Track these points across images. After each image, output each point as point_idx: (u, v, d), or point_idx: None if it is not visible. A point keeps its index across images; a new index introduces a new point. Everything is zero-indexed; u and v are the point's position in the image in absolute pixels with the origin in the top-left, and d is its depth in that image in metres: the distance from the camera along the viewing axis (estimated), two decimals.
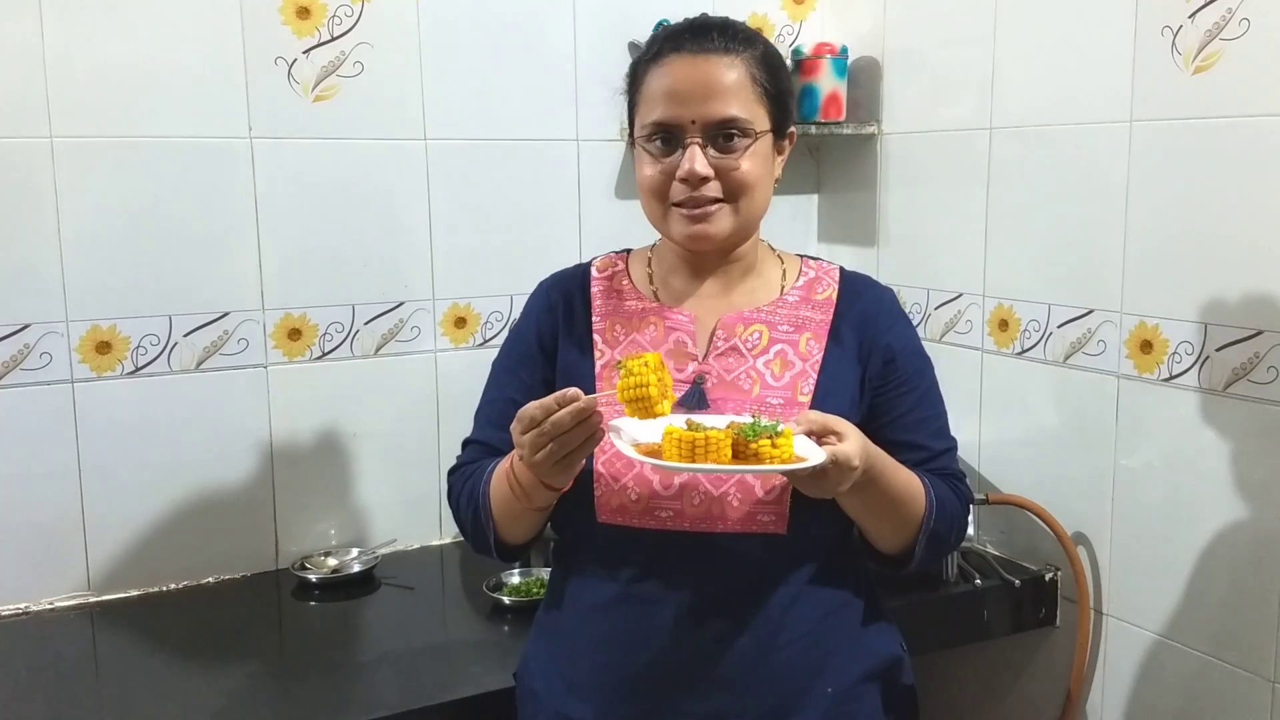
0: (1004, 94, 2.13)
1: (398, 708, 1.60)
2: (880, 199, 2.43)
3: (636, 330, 1.50)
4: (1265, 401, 1.73)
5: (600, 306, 1.53)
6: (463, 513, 1.52)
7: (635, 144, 1.47)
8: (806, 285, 1.52)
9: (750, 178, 1.42)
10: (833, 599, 1.46)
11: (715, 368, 1.46)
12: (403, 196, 2.17)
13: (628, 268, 1.57)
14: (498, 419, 1.50)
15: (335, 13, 2.07)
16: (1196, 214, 1.81)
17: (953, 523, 1.49)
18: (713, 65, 1.40)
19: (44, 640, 1.86)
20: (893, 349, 1.49)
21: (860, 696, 1.46)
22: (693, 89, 1.39)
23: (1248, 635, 1.78)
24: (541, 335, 1.53)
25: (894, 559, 1.48)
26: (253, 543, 2.11)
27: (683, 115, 1.40)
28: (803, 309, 1.50)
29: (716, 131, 1.40)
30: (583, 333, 1.51)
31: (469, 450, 1.56)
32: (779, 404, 1.43)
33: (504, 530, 1.48)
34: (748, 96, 1.41)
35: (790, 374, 1.46)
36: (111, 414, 1.97)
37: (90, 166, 1.92)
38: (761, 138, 1.43)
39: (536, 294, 1.58)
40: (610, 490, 1.40)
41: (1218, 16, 1.75)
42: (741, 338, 1.47)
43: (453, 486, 1.55)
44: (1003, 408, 2.17)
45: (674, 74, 1.41)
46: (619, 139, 2.34)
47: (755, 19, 2.46)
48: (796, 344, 1.47)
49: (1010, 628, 2.10)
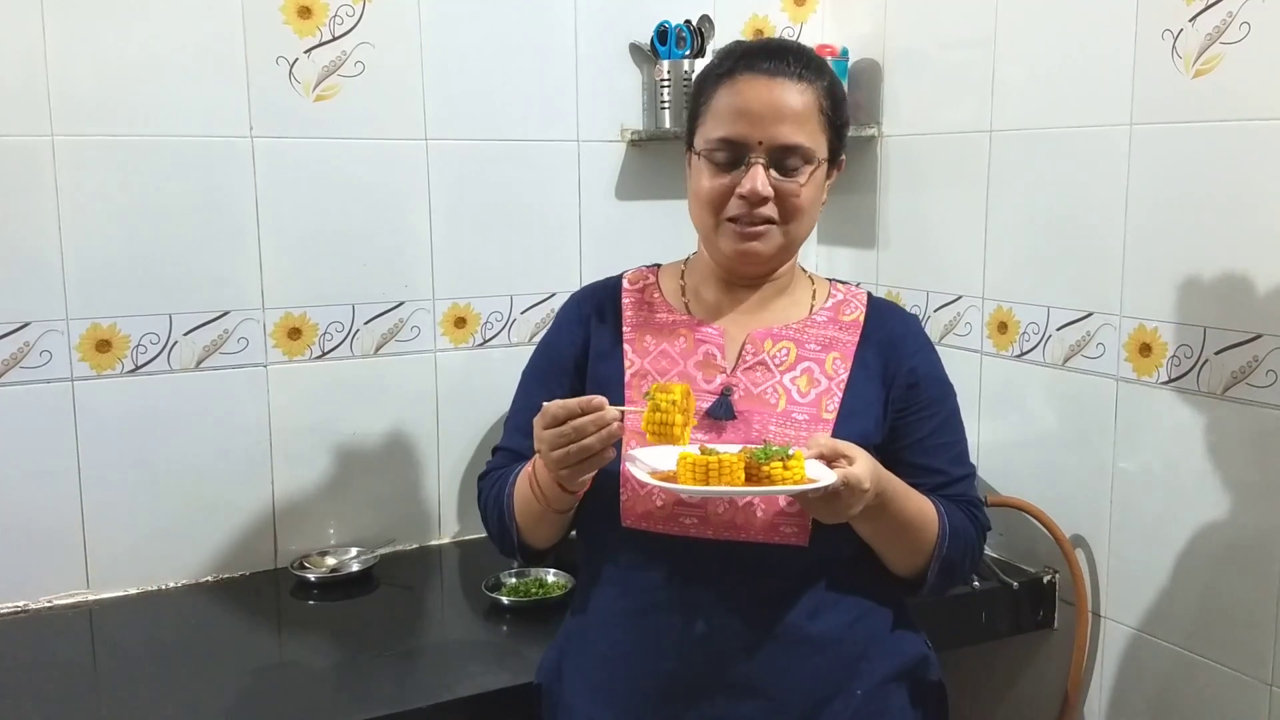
0: (1004, 97, 2.13)
1: (396, 707, 1.60)
2: (880, 201, 2.43)
3: (667, 341, 1.51)
4: (1264, 405, 1.73)
5: (631, 317, 1.55)
6: (490, 515, 1.55)
7: (694, 154, 1.48)
8: (835, 307, 1.55)
9: (805, 203, 1.45)
10: (858, 605, 1.48)
11: (743, 381, 1.48)
12: (403, 196, 2.17)
13: (659, 281, 1.59)
14: (525, 427, 1.52)
15: (337, 12, 2.07)
16: (1196, 217, 1.81)
17: (966, 550, 1.51)
18: (786, 90, 1.42)
19: (42, 639, 1.85)
20: (917, 373, 1.51)
21: (888, 695, 1.48)
22: (764, 110, 1.41)
23: (1245, 639, 1.78)
24: (573, 346, 1.55)
25: (907, 583, 1.51)
26: (252, 542, 2.11)
27: (751, 135, 1.41)
28: (830, 329, 1.52)
29: (781, 155, 1.42)
30: (613, 342, 1.53)
31: (498, 457, 1.60)
32: (804, 419, 1.45)
33: (527, 533, 1.51)
34: (814, 125, 1.44)
35: (816, 391, 1.47)
36: (111, 412, 1.97)
37: (91, 165, 1.92)
38: (820, 166, 1.45)
39: (568, 306, 1.61)
40: (635, 495, 1.42)
41: (1218, 20, 1.75)
42: (770, 353, 1.49)
43: (482, 491, 1.59)
44: (1002, 410, 2.17)
45: (746, 93, 1.42)
46: (619, 140, 2.35)
47: (756, 20, 2.47)
48: (823, 362, 1.49)
49: (1008, 630, 2.10)
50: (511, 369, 1.63)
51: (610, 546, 1.48)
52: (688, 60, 2.30)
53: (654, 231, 2.38)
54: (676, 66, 2.30)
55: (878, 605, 1.50)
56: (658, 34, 2.32)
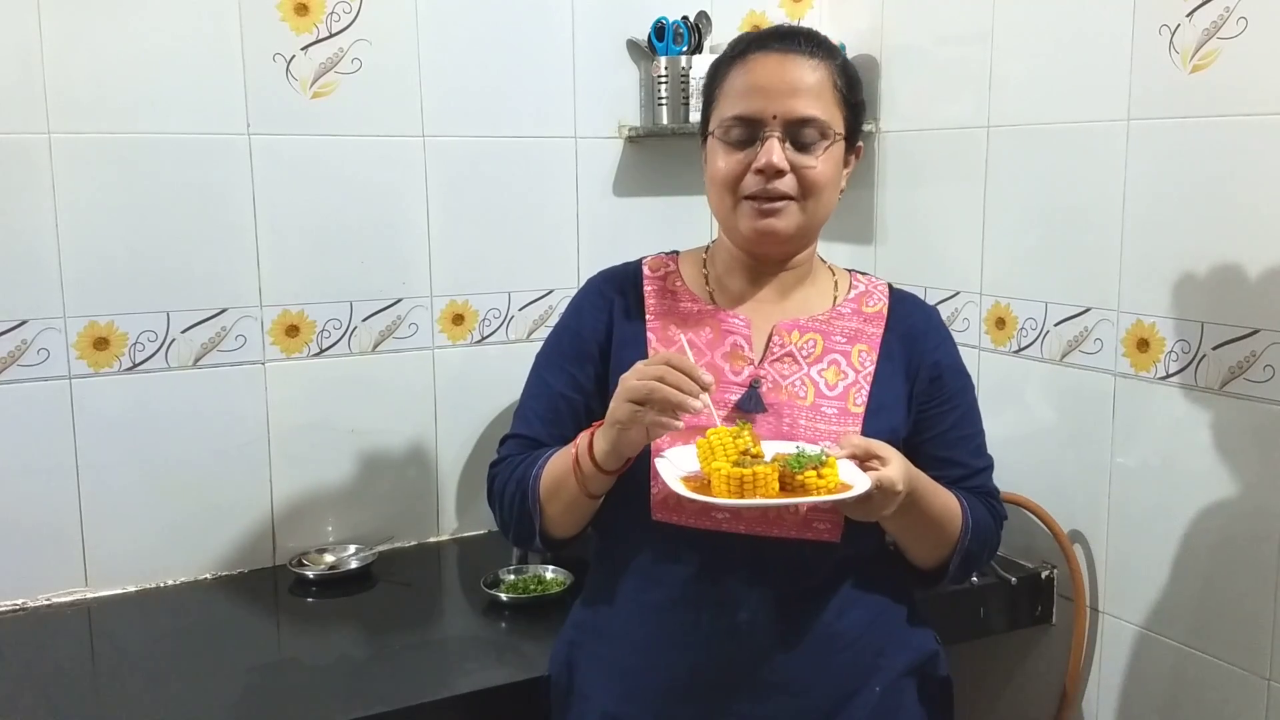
0: (1002, 92, 2.13)
1: (395, 704, 1.60)
2: (878, 197, 2.43)
3: (693, 332, 1.50)
4: (1261, 400, 1.74)
5: (654, 305, 1.53)
6: (508, 502, 1.50)
7: (709, 140, 1.47)
8: (858, 298, 1.55)
9: (823, 179, 1.43)
10: (879, 602, 1.49)
11: (770, 373, 1.47)
12: (401, 193, 2.17)
13: (679, 268, 1.57)
14: (545, 413, 1.51)
15: (334, 9, 2.06)
16: (1193, 213, 1.81)
17: (986, 541, 1.52)
18: (798, 65, 1.42)
19: (41, 637, 1.85)
20: (940, 366, 1.52)
21: (903, 691, 1.48)
22: (777, 85, 1.41)
23: (1243, 633, 1.78)
24: (596, 330, 1.53)
25: (928, 574, 1.52)
26: (250, 539, 2.11)
27: (765, 110, 1.41)
28: (855, 321, 1.52)
29: (796, 129, 1.41)
30: (637, 331, 1.51)
31: (510, 444, 1.55)
32: (833, 413, 1.45)
33: (550, 520, 1.47)
34: (828, 100, 1.43)
35: (844, 384, 1.47)
36: (109, 410, 1.97)
37: (88, 162, 1.92)
38: (837, 141, 1.45)
39: (588, 290, 1.58)
40: (666, 488, 1.40)
41: (1216, 15, 1.75)
42: (797, 345, 1.48)
43: (495, 477, 1.54)
44: (999, 406, 2.17)
45: (758, 70, 1.42)
46: (617, 136, 2.34)
47: (753, 16, 2.46)
48: (849, 355, 1.49)
49: (1007, 625, 2.10)
50: (510, 365, 1.63)
51: (636, 538, 1.46)
52: (685, 56, 2.30)
53: (652, 228, 2.38)
54: (674, 63, 2.30)
55: (894, 601, 1.51)
56: (655, 30, 2.32)
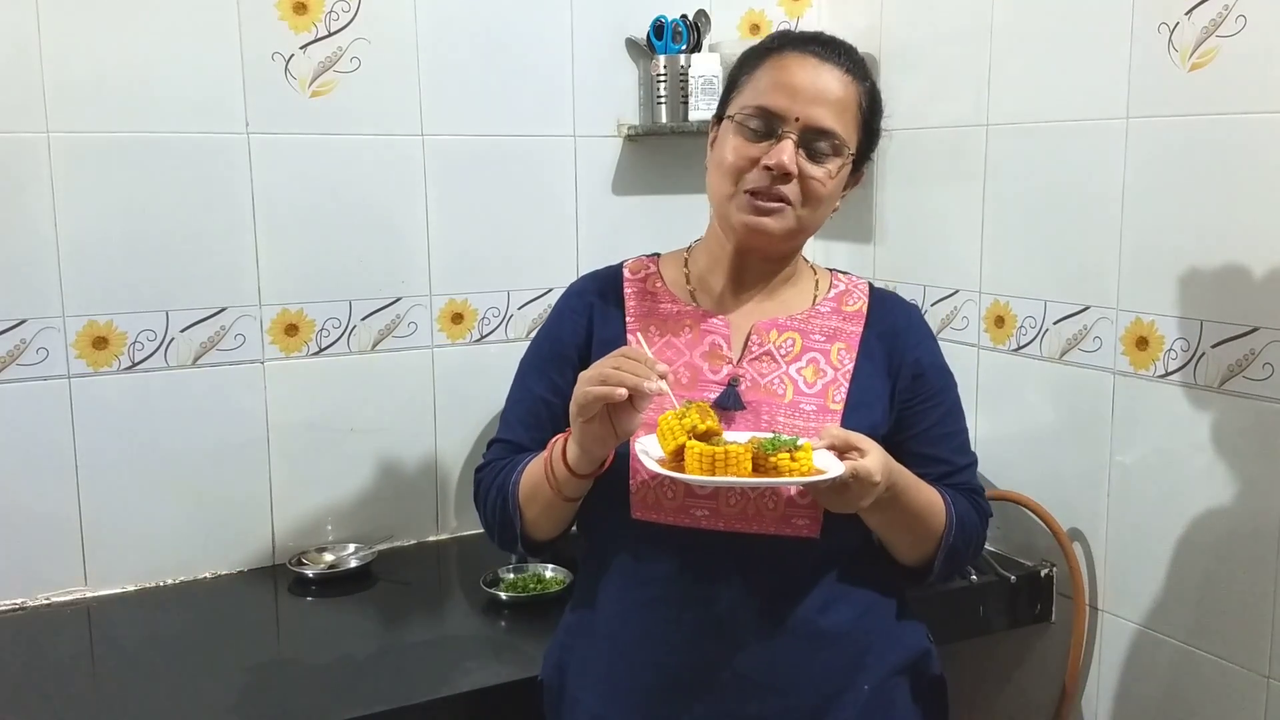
0: (1000, 91, 2.13)
1: (394, 703, 1.60)
2: (877, 195, 2.43)
3: (672, 333, 1.51)
4: (1261, 398, 1.74)
5: (634, 308, 1.54)
6: (491, 506, 1.52)
7: (724, 122, 1.47)
8: (837, 297, 1.55)
9: (824, 192, 1.44)
10: (865, 597, 1.48)
11: (749, 371, 1.48)
12: (400, 192, 2.17)
13: (660, 270, 1.58)
14: (526, 418, 1.52)
15: (332, 9, 2.06)
16: (1192, 211, 1.81)
17: (971, 538, 1.52)
18: (832, 75, 1.43)
19: (40, 636, 1.85)
20: (921, 364, 1.52)
21: (893, 689, 1.48)
22: (806, 88, 1.42)
23: (1242, 631, 1.78)
24: (576, 335, 1.54)
25: (913, 572, 1.51)
26: (249, 538, 2.11)
27: (789, 109, 1.41)
28: (834, 320, 1.52)
29: (813, 137, 1.42)
30: (616, 334, 1.52)
31: (495, 449, 1.57)
32: (812, 410, 1.45)
33: (531, 524, 1.49)
34: (850, 118, 1.45)
35: (822, 382, 1.47)
36: (108, 410, 1.97)
37: (87, 162, 1.92)
38: (847, 163, 1.46)
39: (568, 296, 1.59)
40: (646, 486, 1.41)
41: (1214, 13, 1.75)
42: (775, 344, 1.49)
43: (480, 482, 1.56)
44: (998, 404, 2.17)
45: (792, 68, 1.43)
46: (616, 135, 2.35)
47: (752, 15, 2.46)
48: (828, 353, 1.49)
49: (1006, 623, 2.10)
50: (509, 364, 1.62)
51: (619, 538, 1.47)
52: (684, 55, 2.30)
53: (651, 226, 2.38)
54: (673, 61, 2.30)
55: (883, 597, 1.51)
56: (654, 29, 2.32)
